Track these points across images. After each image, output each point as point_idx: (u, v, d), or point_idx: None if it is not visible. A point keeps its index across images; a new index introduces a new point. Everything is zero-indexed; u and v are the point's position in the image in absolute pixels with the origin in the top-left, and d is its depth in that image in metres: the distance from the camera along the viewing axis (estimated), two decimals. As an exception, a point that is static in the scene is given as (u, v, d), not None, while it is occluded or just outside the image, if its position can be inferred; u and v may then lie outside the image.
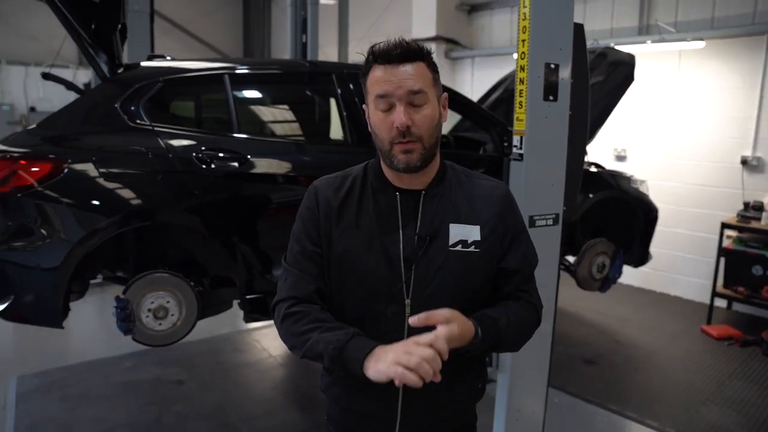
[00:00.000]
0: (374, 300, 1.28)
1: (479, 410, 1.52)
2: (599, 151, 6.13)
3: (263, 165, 2.93)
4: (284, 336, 1.31)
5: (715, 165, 5.49)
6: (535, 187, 2.43)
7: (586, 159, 4.27)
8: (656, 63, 5.80)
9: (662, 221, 5.73)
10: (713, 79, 5.42)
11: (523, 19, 2.32)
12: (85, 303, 4.87)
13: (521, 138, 2.39)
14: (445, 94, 1.35)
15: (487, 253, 1.31)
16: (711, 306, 5.07)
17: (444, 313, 1.13)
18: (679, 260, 5.83)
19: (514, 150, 2.42)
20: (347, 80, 3.26)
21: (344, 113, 3.21)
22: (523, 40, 2.33)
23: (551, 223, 2.50)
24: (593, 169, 4.25)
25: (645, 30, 5.97)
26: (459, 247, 1.29)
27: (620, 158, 6.17)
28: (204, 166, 2.77)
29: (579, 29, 2.48)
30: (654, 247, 5.76)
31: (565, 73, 2.40)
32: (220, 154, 2.83)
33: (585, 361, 4.30)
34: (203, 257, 3.02)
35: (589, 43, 5.68)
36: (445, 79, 6.27)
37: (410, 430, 1.35)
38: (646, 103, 5.93)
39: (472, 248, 1.30)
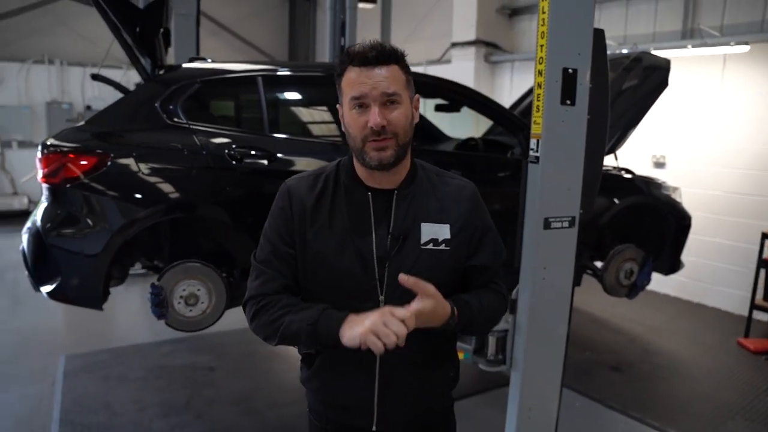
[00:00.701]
0: (349, 298, 1.31)
1: (493, 407, 1.60)
2: (636, 157, 6.04)
3: (290, 163, 3.06)
4: (257, 329, 1.36)
5: (758, 173, 5.33)
6: (551, 190, 2.46)
7: (616, 164, 4.26)
8: (699, 68, 5.67)
9: (702, 230, 5.62)
10: (759, 85, 5.27)
11: (542, 25, 2.37)
12: (128, 292, 5.18)
13: (537, 141, 2.44)
14: (418, 96, 1.39)
15: (456, 251, 1.38)
16: (749, 318, 4.93)
17: (430, 287, 1.22)
18: (719, 270, 5.68)
19: (531, 153, 2.47)
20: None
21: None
22: (541, 45, 2.37)
23: (567, 225, 2.52)
24: (624, 174, 4.19)
25: (689, 34, 5.85)
26: (430, 246, 1.34)
27: (659, 165, 6.06)
28: (234, 163, 2.92)
29: (599, 35, 2.50)
30: (693, 257, 5.65)
31: (583, 78, 2.43)
32: (251, 152, 2.98)
33: (611, 367, 4.26)
34: (233, 249, 3.17)
35: (628, 48, 5.65)
36: (484, 83, 6.42)
37: (387, 419, 1.41)
38: (688, 108, 5.81)
39: (442, 246, 1.35)
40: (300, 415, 3.50)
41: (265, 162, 2.99)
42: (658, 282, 5.82)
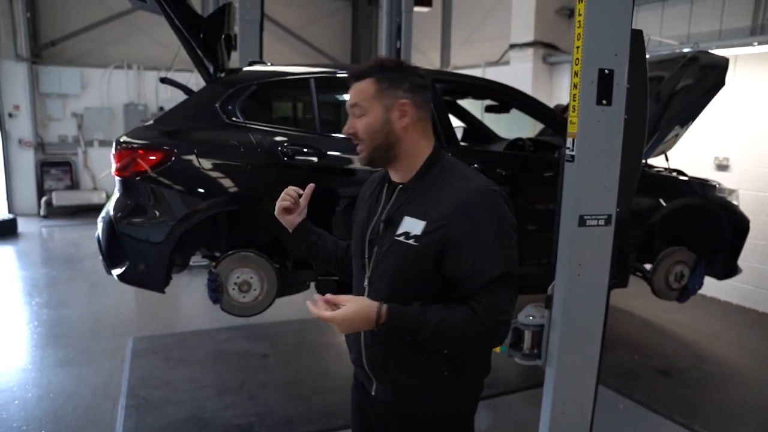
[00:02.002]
0: (356, 271, 1.65)
1: (530, 403, 1.66)
2: (697, 160, 5.85)
3: (339, 160, 3.23)
4: None
5: (830, 177, 5.06)
6: (586, 188, 2.50)
7: (667, 165, 4.18)
8: (767, 66, 5.43)
9: (767, 235, 5.38)
10: (832, 84, 5.00)
11: (578, 27, 2.42)
12: (192, 282, 5.54)
13: (573, 140, 2.49)
14: (404, 101, 1.47)
15: (422, 249, 1.39)
16: (816, 329, 4.70)
17: (341, 298, 1.39)
18: (786, 278, 5.41)
19: (567, 152, 2.52)
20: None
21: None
22: (578, 47, 2.42)
23: (602, 223, 2.55)
24: (677, 176, 4.11)
25: (759, 30, 5.61)
26: (402, 238, 1.44)
27: (722, 167, 5.83)
28: (287, 159, 3.12)
29: (637, 35, 2.51)
30: (758, 263, 5.42)
31: (620, 79, 2.46)
32: (303, 150, 3.17)
33: (660, 372, 4.18)
34: (285, 240, 3.37)
35: (690, 47, 5.49)
36: (542, 85, 6.49)
37: (381, 391, 1.57)
38: (753, 109, 5.57)
39: (411, 241, 1.41)
40: (343, 401, 3.68)
41: (315, 159, 3.17)
42: (719, 289, 5.63)
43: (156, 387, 3.73)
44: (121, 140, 3.13)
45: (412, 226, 1.43)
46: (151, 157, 3.07)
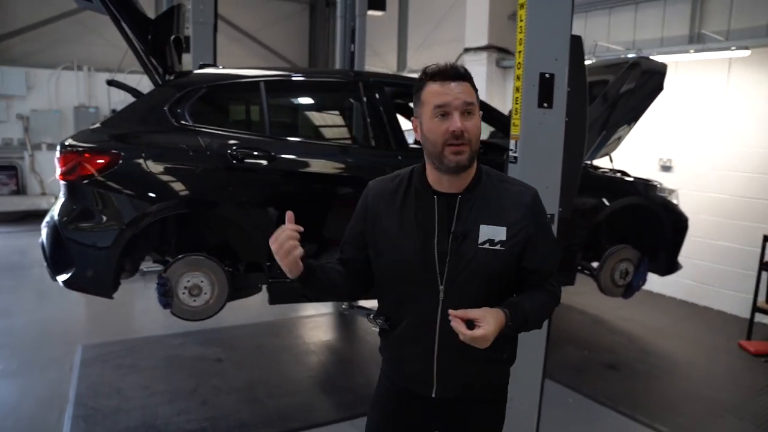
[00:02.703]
0: (410, 288, 1.55)
1: None
2: (643, 161, 6.09)
3: (289, 163, 3.24)
4: None
5: (763, 177, 5.34)
6: (530, 189, 2.59)
7: (612, 166, 4.34)
8: (705, 72, 5.71)
9: (707, 233, 5.65)
10: (764, 89, 5.29)
11: (519, 32, 2.50)
12: (145, 288, 5.42)
13: (516, 142, 2.57)
14: (481, 113, 1.58)
15: (510, 251, 1.53)
16: (751, 321, 4.94)
17: (476, 313, 1.41)
18: (723, 274, 5.68)
19: (510, 153, 2.60)
20: (373, 89, 3.53)
21: (368, 119, 3.48)
22: (519, 51, 2.51)
23: (545, 222, 2.64)
24: (621, 176, 4.27)
25: (696, 39, 5.88)
26: (487, 245, 1.51)
27: (665, 168, 6.09)
28: (235, 162, 3.11)
29: (576, 41, 2.62)
30: (698, 260, 5.68)
31: (561, 83, 2.56)
32: (252, 153, 3.17)
33: (607, 366, 4.33)
34: (237, 243, 3.36)
35: (633, 53, 5.72)
36: (496, 88, 6.64)
37: (445, 388, 1.62)
38: (694, 113, 5.84)
39: (498, 246, 1.51)
40: (297, 404, 3.69)
41: (265, 162, 3.17)
42: (663, 285, 5.87)
43: (106, 395, 3.64)
44: (66, 143, 3.06)
45: (493, 233, 1.51)
46: (98, 161, 3.01)
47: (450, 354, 1.57)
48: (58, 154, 3.06)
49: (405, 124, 4.17)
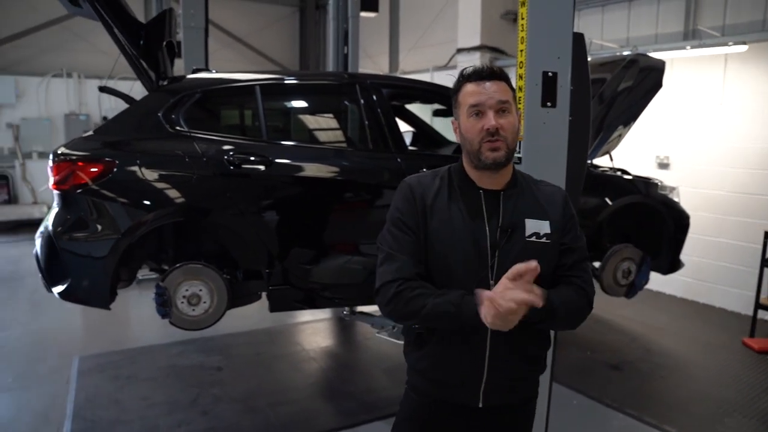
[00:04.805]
0: (465, 280, 1.51)
1: None
2: (640, 159, 6.08)
3: (287, 168, 3.18)
4: (394, 310, 1.53)
5: (761, 172, 5.34)
6: (534, 189, 2.54)
7: (612, 165, 4.31)
8: (701, 69, 5.70)
9: (707, 230, 5.63)
10: (760, 84, 5.28)
11: (521, 30, 2.46)
12: (142, 296, 5.34)
13: (520, 142, 2.52)
14: (520, 111, 1.56)
15: (554, 244, 1.58)
16: (754, 318, 4.92)
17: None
18: (724, 271, 5.67)
19: (514, 154, 2.55)
20: (369, 91, 3.47)
21: (366, 121, 3.42)
22: (521, 50, 2.47)
23: (551, 223, 2.60)
24: (621, 175, 4.24)
25: (690, 35, 5.88)
26: (533, 238, 1.56)
27: (663, 166, 6.08)
28: (232, 168, 3.05)
29: (579, 39, 2.58)
30: (698, 257, 5.66)
31: (564, 81, 2.51)
32: (249, 158, 3.11)
33: (611, 366, 4.30)
34: (235, 251, 3.29)
35: (629, 50, 5.70)
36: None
37: (492, 395, 1.59)
38: (691, 109, 5.84)
39: (544, 239, 1.56)
40: (298, 412, 3.63)
41: (262, 167, 3.11)
42: (664, 283, 5.85)
43: (104, 407, 3.57)
44: (59, 152, 2.99)
45: (538, 226, 1.57)
46: (92, 169, 2.94)
47: (501, 356, 1.56)
48: (50, 163, 2.98)
49: (402, 126, 4.13)
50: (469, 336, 1.54)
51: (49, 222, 3.05)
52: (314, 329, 5.17)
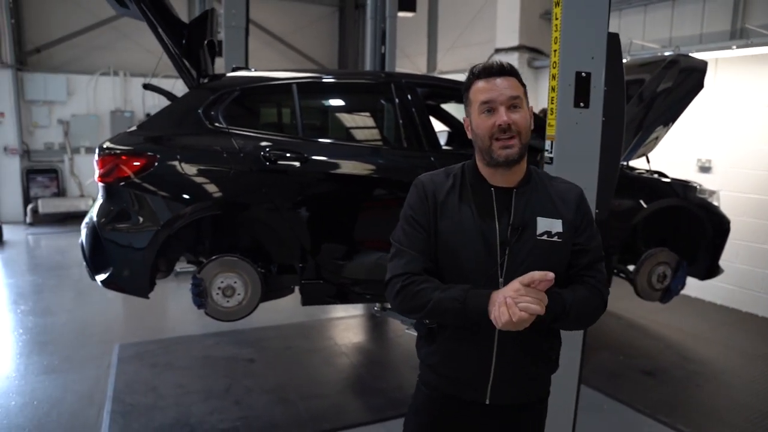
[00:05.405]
0: (475, 278, 1.51)
1: None
2: (680, 162, 5.92)
3: (322, 164, 3.25)
4: (401, 304, 1.55)
5: (810, 178, 5.14)
6: (565, 190, 2.53)
7: (649, 167, 4.23)
8: (747, 69, 5.52)
9: (751, 237, 5.46)
10: (810, 87, 5.09)
11: (555, 30, 2.46)
12: (179, 288, 5.52)
13: (552, 143, 2.52)
14: (531, 107, 1.57)
15: (566, 243, 1.56)
16: (798, 328, 4.76)
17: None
18: (768, 279, 5.49)
19: (546, 154, 2.55)
20: (404, 90, 3.51)
21: (401, 120, 3.46)
22: (555, 50, 2.46)
23: (582, 224, 2.58)
24: (659, 177, 4.16)
25: (738, 34, 5.70)
26: (545, 237, 1.54)
27: (704, 169, 5.91)
28: (269, 164, 3.13)
29: (614, 39, 2.55)
30: (741, 264, 5.50)
31: (598, 82, 2.50)
32: (285, 154, 3.19)
33: (644, 372, 4.22)
34: (270, 245, 3.38)
35: (670, 51, 5.57)
36: (528, 88, 6.56)
37: (500, 392, 1.59)
38: (735, 111, 5.65)
39: (555, 238, 1.54)
40: (328, 406, 3.69)
41: (298, 164, 3.19)
42: (703, 290, 5.70)
43: (142, 393, 3.72)
44: (104, 146, 3.13)
45: (550, 225, 1.55)
46: (135, 163, 3.07)
47: (508, 354, 1.55)
48: (96, 156, 3.13)
49: (437, 125, 4.15)
50: (477, 332, 1.53)
51: (93, 213, 3.20)
52: (346, 325, 5.24)
